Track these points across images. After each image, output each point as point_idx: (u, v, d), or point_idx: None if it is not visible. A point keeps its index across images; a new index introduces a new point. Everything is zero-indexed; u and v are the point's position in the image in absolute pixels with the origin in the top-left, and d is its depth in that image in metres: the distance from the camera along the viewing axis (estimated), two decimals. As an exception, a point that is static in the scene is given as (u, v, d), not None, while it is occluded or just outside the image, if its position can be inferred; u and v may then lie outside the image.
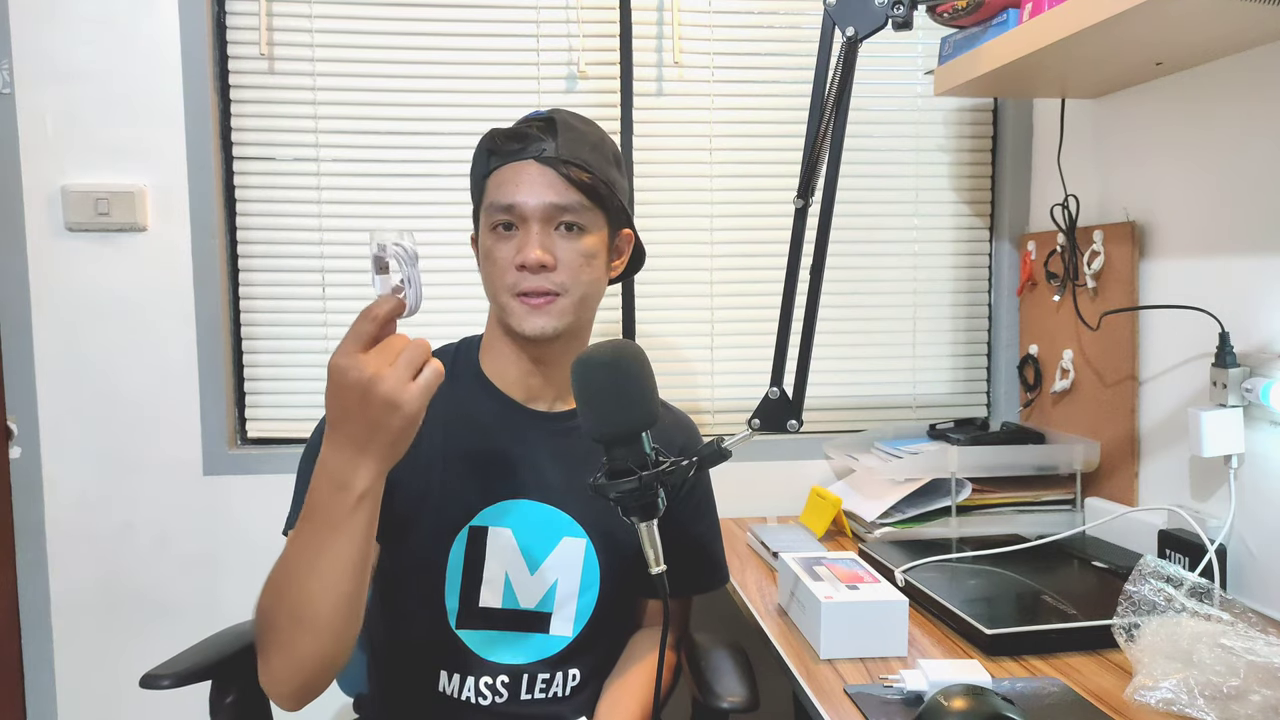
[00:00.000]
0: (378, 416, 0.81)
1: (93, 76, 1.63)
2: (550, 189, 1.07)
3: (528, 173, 1.07)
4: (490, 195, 1.09)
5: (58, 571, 1.68)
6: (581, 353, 0.88)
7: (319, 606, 0.86)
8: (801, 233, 0.96)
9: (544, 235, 1.07)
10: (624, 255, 1.20)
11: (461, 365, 1.18)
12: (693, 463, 0.90)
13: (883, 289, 1.86)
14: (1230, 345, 1.24)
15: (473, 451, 1.11)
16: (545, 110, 1.12)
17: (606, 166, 1.12)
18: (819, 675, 1.03)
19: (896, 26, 0.90)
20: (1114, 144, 1.54)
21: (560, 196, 1.07)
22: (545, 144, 1.07)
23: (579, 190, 1.07)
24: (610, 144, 1.15)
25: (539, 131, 1.08)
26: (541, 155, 1.07)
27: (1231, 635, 0.96)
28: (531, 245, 1.06)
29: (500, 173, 1.09)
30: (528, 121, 1.11)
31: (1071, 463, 1.56)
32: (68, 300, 1.65)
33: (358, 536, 0.85)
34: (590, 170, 1.08)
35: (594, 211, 1.10)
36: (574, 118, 1.13)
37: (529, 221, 1.07)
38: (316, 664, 0.88)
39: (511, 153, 1.08)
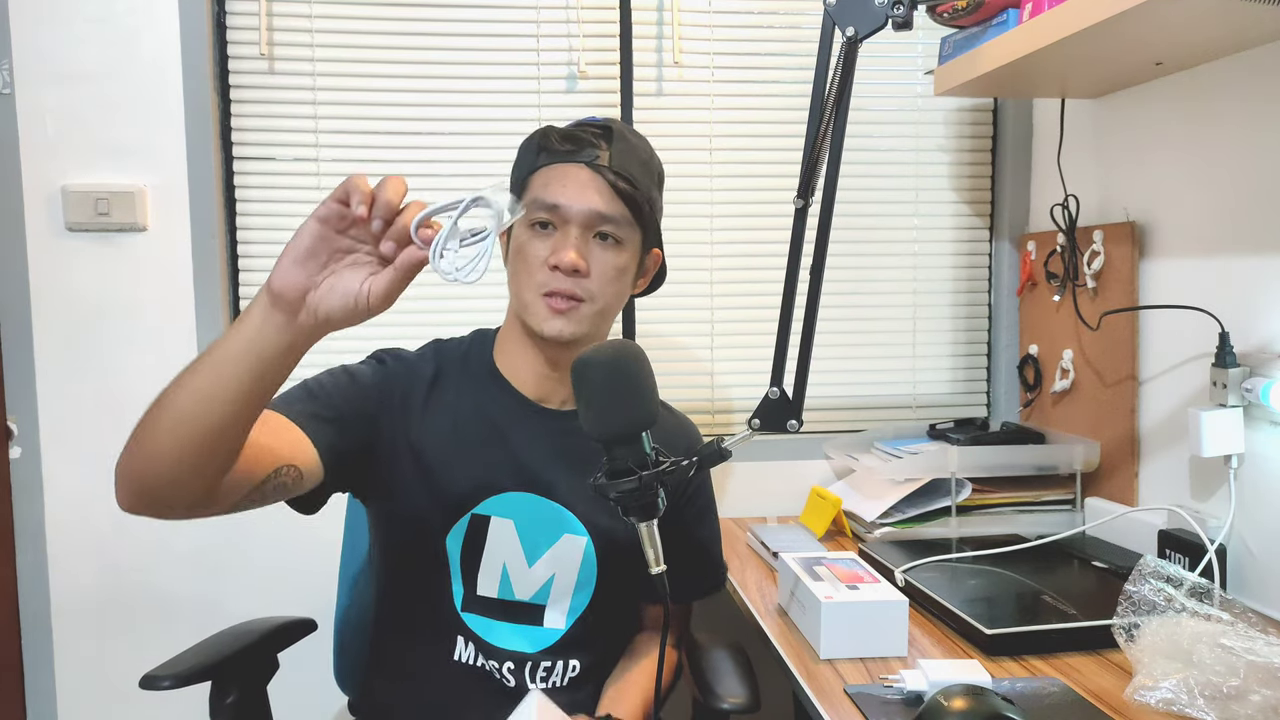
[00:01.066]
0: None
1: (93, 76, 1.63)
2: (597, 196, 1.08)
3: (577, 176, 1.08)
4: (534, 191, 1.10)
5: (58, 571, 1.68)
6: (582, 353, 0.88)
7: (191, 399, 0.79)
8: (801, 233, 0.96)
9: (582, 240, 1.08)
10: (649, 275, 1.22)
11: (475, 358, 1.19)
12: (693, 463, 0.90)
13: (883, 289, 1.86)
14: (1230, 345, 1.24)
15: (480, 442, 1.12)
16: (602, 119, 1.14)
17: (651, 185, 1.14)
18: (819, 675, 1.03)
19: (896, 26, 0.89)
20: (1114, 144, 1.54)
21: (606, 206, 1.08)
22: (599, 151, 1.09)
23: (624, 203, 1.09)
24: (658, 163, 1.17)
25: (594, 137, 1.10)
26: (594, 161, 1.08)
27: (1231, 635, 0.96)
28: (569, 247, 1.07)
29: (548, 171, 1.10)
30: (583, 125, 1.12)
31: (1071, 463, 1.56)
32: (68, 300, 1.65)
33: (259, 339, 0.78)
34: (637, 186, 1.10)
35: (633, 227, 1.11)
36: (629, 131, 1.14)
37: (570, 224, 1.08)
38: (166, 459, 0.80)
39: (563, 153, 1.09)
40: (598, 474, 0.88)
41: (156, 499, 0.83)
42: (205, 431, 0.79)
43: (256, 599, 1.71)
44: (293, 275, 0.77)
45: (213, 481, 0.83)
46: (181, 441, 0.79)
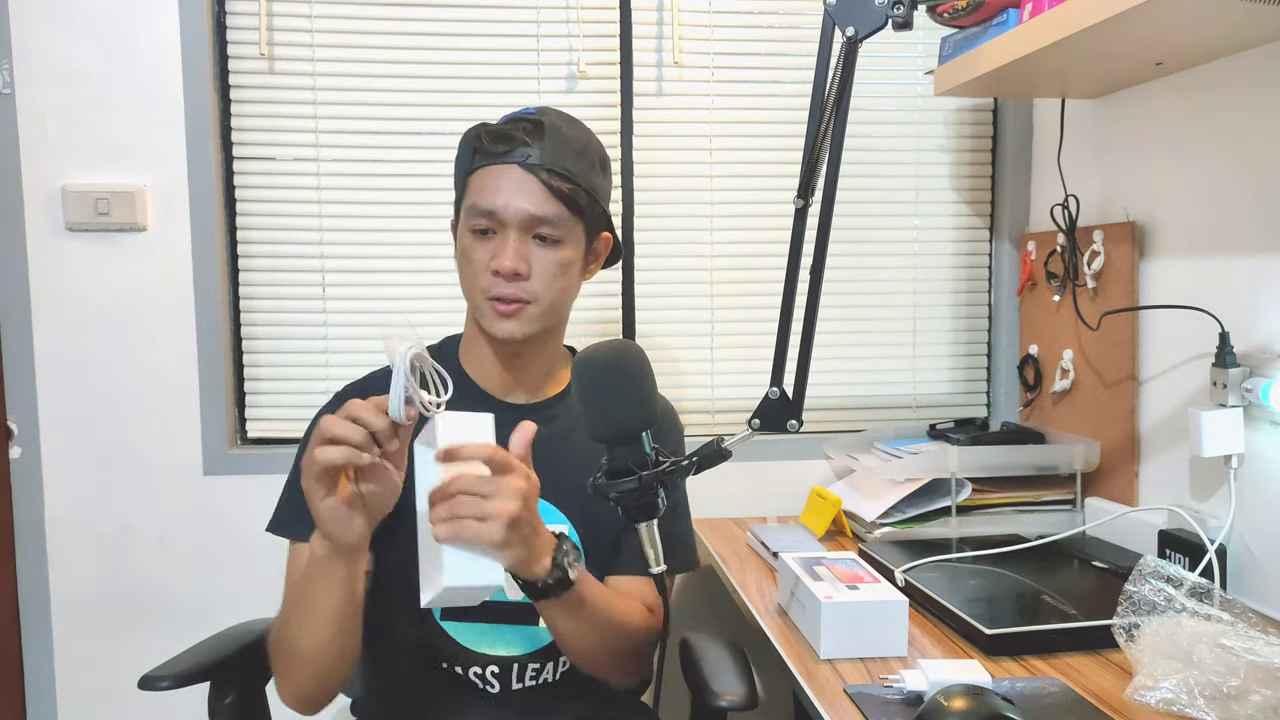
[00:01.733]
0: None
1: (93, 76, 1.63)
2: (530, 199, 1.07)
3: (510, 178, 1.07)
4: (471, 196, 1.10)
5: (58, 571, 1.68)
6: (582, 353, 0.88)
7: (304, 645, 0.98)
8: (801, 233, 0.96)
9: (521, 243, 1.08)
10: (601, 258, 1.21)
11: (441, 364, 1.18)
12: (693, 463, 0.90)
13: (883, 289, 1.86)
14: (1230, 345, 1.24)
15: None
16: (534, 110, 1.12)
17: (590, 173, 1.12)
18: (819, 675, 1.03)
19: (896, 26, 0.89)
20: (1114, 144, 1.54)
21: (539, 208, 1.07)
22: (530, 149, 1.07)
23: (560, 201, 1.08)
24: (595, 147, 1.16)
25: (525, 134, 1.08)
26: (526, 161, 1.07)
27: (1231, 635, 0.96)
28: (507, 253, 1.07)
29: (483, 174, 1.09)
30: (515, 121, 1.10)
31: (1071, 463, 1.56)
32: (68, 300, 1.65)
33: (334, 586, 0.95)
34: (573, 180, 1.09)
35: (573, 221, 1.11)
36: (562, 120, 1.12)
37: (507, 229, 1.08)
38: (312, 688, 1.02)
39: (496, 154, 1.08)
40: (597, 474, 0.88)
41: (333, 695, 1.06)
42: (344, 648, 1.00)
43: (256, 599, 1.71)
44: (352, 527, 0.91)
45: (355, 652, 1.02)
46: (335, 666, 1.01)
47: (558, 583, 0.94)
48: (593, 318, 1.78)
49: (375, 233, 1.74)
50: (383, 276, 1.75)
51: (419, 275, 1.75)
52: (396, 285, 1.75)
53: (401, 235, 1.74)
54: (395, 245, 1.74)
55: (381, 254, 1.74)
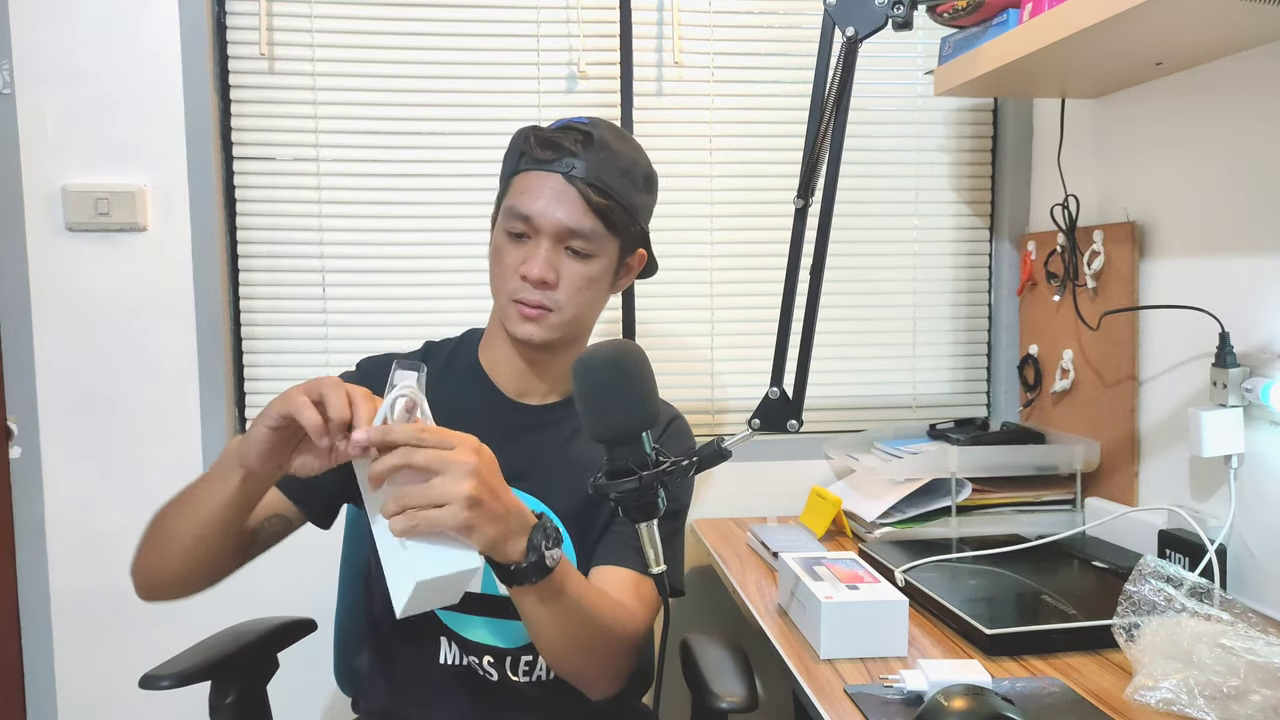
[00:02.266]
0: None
1: (93, 76, 1.63)
2: (567, 210, 1.08)
3: (551, 186, 1.08)
4: (511, 198, 1.10)
5: (58, 571, 1.68)
6: (582, 353, 0.88)
7: (174, 527, 0.99)
8: (801, 233, 0.95)
9: (552, 252, 1.09)
10: (633, 273, 1.22)
11: (460, 357, 1.20)
12: (693, 463, 0.90)
13: (883, 289, 1.86)
14: (1230, 345, 1.24)
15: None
16: (587, 120, 1.13)
17: (632, 192, 1.13)
18: (819, 675, 1.03)
19: (896, 26, 0.89)
20: (1114, 144, 1.54)
21: (575, 221, 1.08)
22: (576, 160, 1.08)
23: (596, 216, 1.09)
24: (643, 165, 1.16)
25: (573, 144, 1.09)
26: (569, 172, 1.08)
27: (1231, 635, 0.96)
28: (537, 260, 1.08)
29: (525, 177, 1.10)
30: (566, 129, 1.11)
31: (1071, 463, 1.56)
32: (68, 300, 1.65)
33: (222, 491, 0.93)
34: (613, 196, 1.09)
35: (607, 238, 1.11)
36: (612, 135, 1.13)
37: (541, 236, 1.09)
38: (161, 569, 1.02)
39: (541, 161, 1.09)
40: (598, 474, 0.88)
41: (170, 594, 1.04)
42: (202, 551, 0.98)
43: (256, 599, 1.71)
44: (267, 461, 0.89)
45: (214, 569, 1.02)
46: (183, 560, 0.99)
47: (533, 567, 0.90)
48: (593, 318, 1.78)
49: (375, 233, 1.74)
50: (383, 276, 1.75)
51: (419, 275, 1.75)
52: (396, 285, 1.75)
53: (401, 235, 1.74)
54: (395, 245, 1.74)
55: (381, 254, 1.74)
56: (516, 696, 1.13)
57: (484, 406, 1.16)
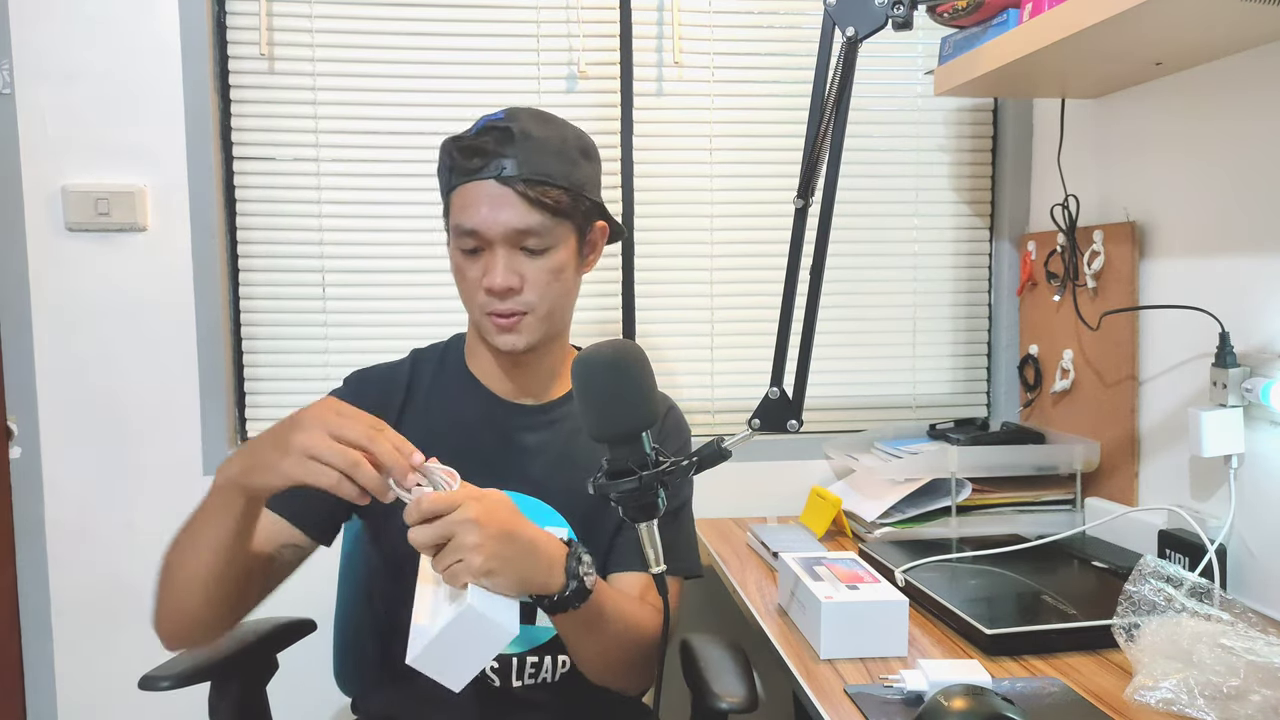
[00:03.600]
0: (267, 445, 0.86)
1: (93, 76, 1.63)
2: (511, 213, 1.04)
3: (488, 194, 1.04)
4: (455, 215, 1.08)
5: (58, 571, 1.68)
6: (581, 353, 0.88)
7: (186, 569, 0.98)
8: (801, 233, 0.95)
9: (510, 257, 1.07)
10: (598, 247, 1.18)
11: (450, 363, 1.20)
12: (693, 462, 0.90)
13: (883, 289, 1.86)
14: (1230, 345, 1.24)
15: (456, 447, 1.09)
16: (503, 114, 1.08)
17: (572, 170, 1.08)
18: (819, 675, 1.03)
19: (896, 26, 0.89)
20: (1114, 144, 1.54)
21: (522, 220, 1.05)
22: (504, 160, 1.04)
23: (541, 211, 1.05)
24: (573, 138, 1.11)
25: (496, 145, 1.05)
26: (501, 174, 1.04)
27: (1231, 635, 0.96)
28: (497, 270, 1.06)
29: (462, 192, 1.06)
30: (485, 131, 1.07)
31: (1071, 463, 1.56)
32: (68, 300, 1.65)
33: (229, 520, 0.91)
34: (553, 183, 1.05)
35: (560, 226, 1.08)
36: (532, 121, 1.08)
37: (494, 245, 1.06)
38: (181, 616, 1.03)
39: (470, 171, 1.05)
40: (598, 474, 0.88)
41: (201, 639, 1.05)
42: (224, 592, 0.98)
43: (256, 599, 1.71)
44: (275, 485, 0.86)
45: (240, 605, 1.02)
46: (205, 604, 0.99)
47: (574, 594, 0.92)
48: (593, 318, 1.78)
49: (375, 233, 1.74)
50: (383, 276, 1.75)
51: (419, 275, 1.75)
52: (396, 285, 1.75)
53: (401, 235, 1.74)
54: (395, 245, 1.74)
55: (381, 254, 1.74)
56: (519, 700, 1.13)
57: (483, 412, 1.16)
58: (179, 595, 0.99)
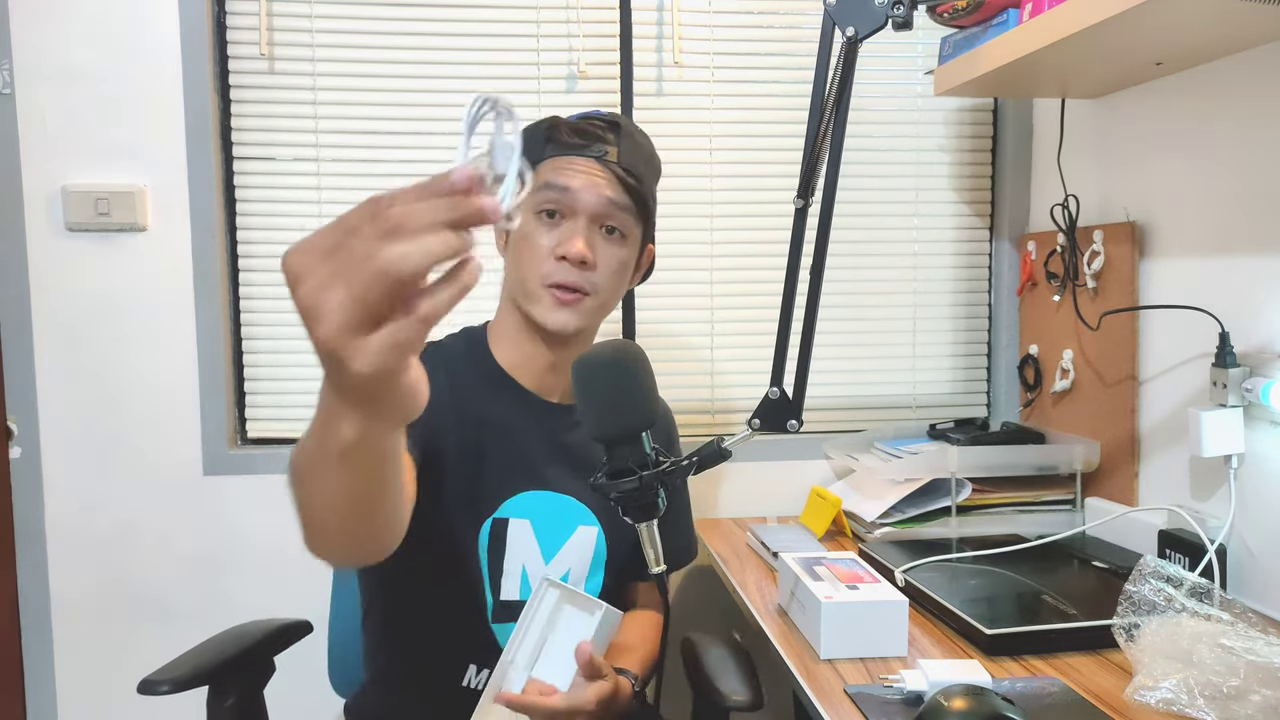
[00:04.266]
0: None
1: (93, 76, 1.63)
2: (609, 186, 1.08)
3: (587, 168, 1.08)
4: (543, 176, 1.08)
5: (58, 572, 1.68)
6: (582, 353, 0.88)
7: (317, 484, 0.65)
8: (801, 233, 0.96)
9: (590, 232, 1.08)
10: (642, 270, 1.23)
11: (477, 359, 1.17)
12: (693, 463, 0.90)
13: (883, 289, 1.86)
14: (1230, 345, 1.24)
15: (492, 445, 1.11)
16: (607, 113, 1.14)
17: (653, 182, 1.15)
18: (819, 675, 1.03)
19: (896, 26, 0.90)
20: (1114, 144, 1.54)
21: (617, 195, 1.08)
22: (608, 146, 1.08)
23: (630, 196, 1.09)
24: (658, 160, 1.18)
25: (602, 131, 1.09)
26: (603, 156, 1.08)
27: (1231, 635, 0.96)
28: (578, 237, 1.06)
29: (557, 161, 1.09)
30: (591, 119, 1.11)
31: (1071, 463, 1.56)
32: (68, 300, 1.65)
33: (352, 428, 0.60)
34: (642, 182, 1.11)
35: (637, 221, 1.12)
36: (634, 128, 1.15)
37: (579, 214, 1.08)
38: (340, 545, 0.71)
39: (573, 147, 1.08)
40: (598, 474, 0.88)
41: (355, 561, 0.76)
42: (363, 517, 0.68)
43: (255, 599, 1.72)
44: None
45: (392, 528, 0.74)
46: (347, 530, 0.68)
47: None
48: (593, 318, 1.78)
49: (375, 233, 1.74)
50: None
51: (419, 275, 1.75)
52: (396, 285, 1.75)
53: (401, 235, 1.74)
54: (395, 245, 1.74)
55: (381, 254, 1.74)
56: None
57: (518, 411, 1.14)
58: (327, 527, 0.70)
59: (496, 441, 1.11)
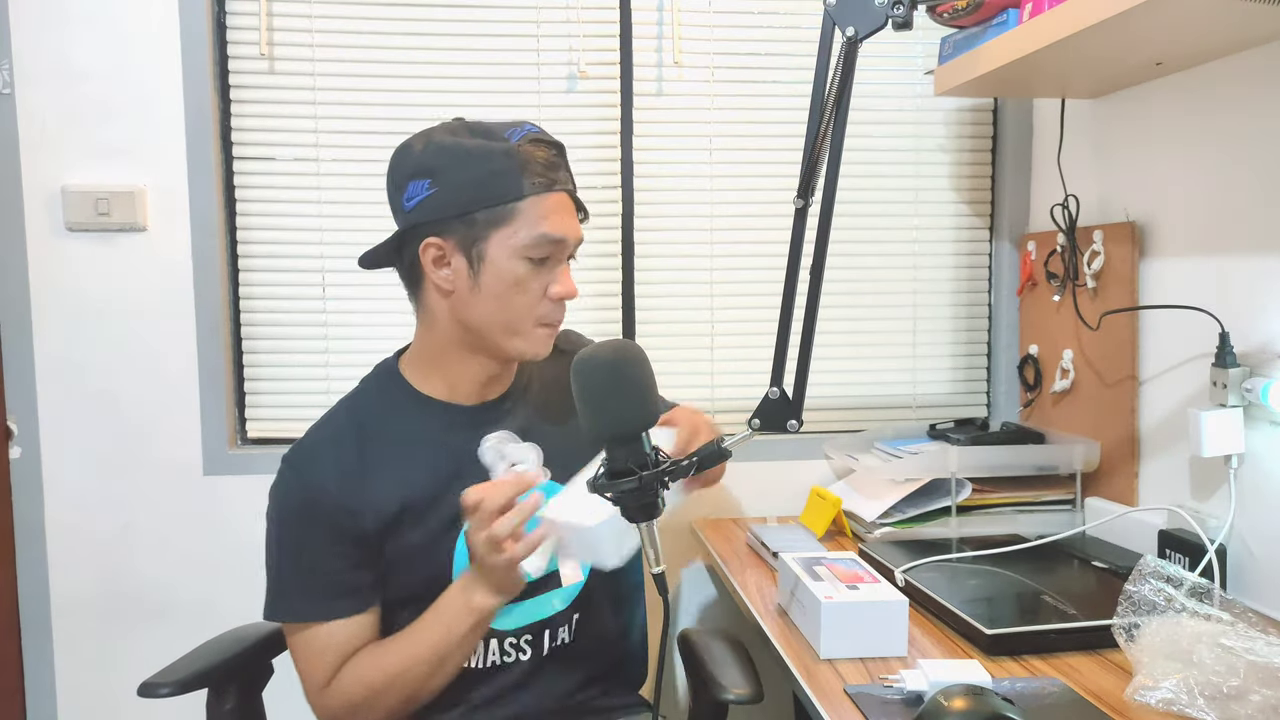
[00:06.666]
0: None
1: (93, 76, 1.63)
2: (577, 224, 1.11)
3: (565, 205, 1.09)
4: (538, 225, 1.05)
5: (58, 571, 1.68)
6: (581, 353, 0.88)
7: (428, 693, 1.08)
8: (801, 233, 0.95)
9: (567, 268, 1.12)
10: None
11: (392, 393, 1.16)
12: (693, 462, 0.90)
13: (883, 289, 1.86)
14: (1230, 345, 1.24)
15: (440, 469, 1.11)
16: (536, 128, 1.10)
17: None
18: (819, 675, 1.03)
19: (896, 26, 0.89)
20: (1114, 144, 1.54)
21: (580, 233, 1.12)
22: (567, 173, 1.10)
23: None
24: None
25: (559, 157, 1.10)
26: (566, 186, 1.10)
27: (1231, 635, 0.96)
28: (568, 277, 1.11)
29: (542, 201, 1.06)
30: (546, 143, 1.08)
31: (1071, 463, 1.56)
32: (68, 300, 1.65)
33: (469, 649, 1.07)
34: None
35: None
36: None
37: (563, 256, 1.10)
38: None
39: (551, 181, 1.07)
40: (598, 474, 0.88)
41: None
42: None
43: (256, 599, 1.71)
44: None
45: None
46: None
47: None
48: (593, 318, 1.78)
49: (375, 233, 1.73)
50: (383, 276, 1.73)
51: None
52: (396, 285, 1.74)
53: (401, 235, 1.74)
54: (395, 245, 1.74)
55: (381, 254, 1.74)
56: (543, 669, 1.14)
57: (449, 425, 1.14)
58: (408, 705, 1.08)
59: (440, 465, 1.11)
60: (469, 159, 1.05)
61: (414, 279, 1.13)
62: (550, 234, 1.06)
